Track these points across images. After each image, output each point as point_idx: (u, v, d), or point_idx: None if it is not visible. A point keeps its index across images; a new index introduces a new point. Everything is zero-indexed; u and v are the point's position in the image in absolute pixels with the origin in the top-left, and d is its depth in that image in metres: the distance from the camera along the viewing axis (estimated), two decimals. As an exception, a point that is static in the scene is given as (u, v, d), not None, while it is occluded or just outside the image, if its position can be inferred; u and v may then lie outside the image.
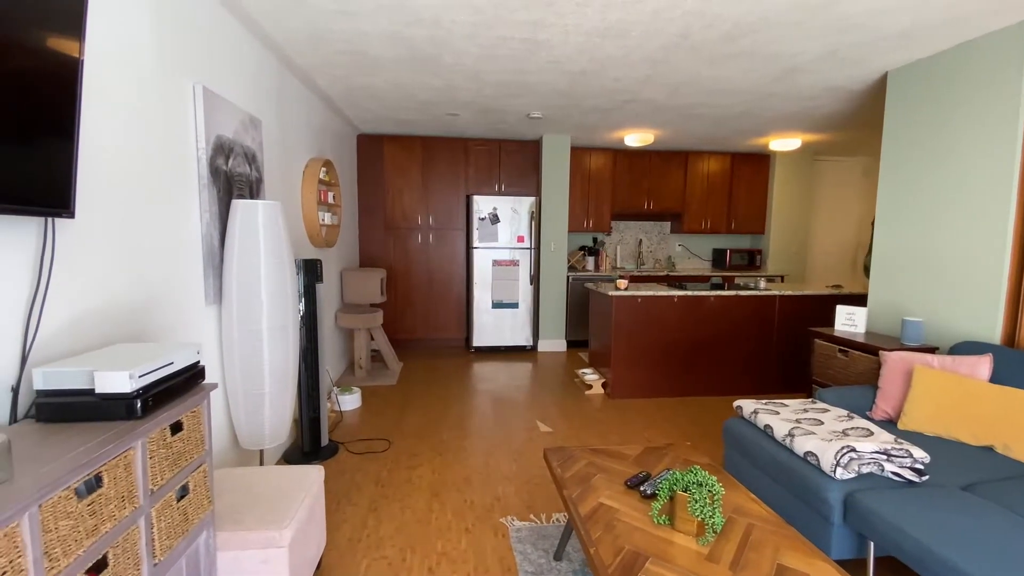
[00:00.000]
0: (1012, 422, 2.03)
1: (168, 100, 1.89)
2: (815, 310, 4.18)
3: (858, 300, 4.09)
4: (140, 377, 1.17)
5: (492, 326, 5.47)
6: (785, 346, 4.19)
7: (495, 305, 5.45)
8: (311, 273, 2.80)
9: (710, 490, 1.49)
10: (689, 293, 4.01)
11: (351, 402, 3.71)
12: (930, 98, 2.89)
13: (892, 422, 2.39)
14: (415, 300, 5.59)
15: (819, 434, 1.99)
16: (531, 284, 5.51)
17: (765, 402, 2.44)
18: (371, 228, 5.44)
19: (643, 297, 3.97)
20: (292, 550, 1.60)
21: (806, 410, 2.30)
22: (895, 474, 1.82)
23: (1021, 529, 1.51)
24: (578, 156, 5.79)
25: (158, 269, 1.83)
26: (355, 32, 2.66)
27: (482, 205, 5.30)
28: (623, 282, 4.11)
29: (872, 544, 1.77)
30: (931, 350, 2.73)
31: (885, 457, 1.82)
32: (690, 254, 6.57)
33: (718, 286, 4.30)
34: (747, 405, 2.42)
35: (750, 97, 3.78)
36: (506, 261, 5.42)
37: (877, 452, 1.82)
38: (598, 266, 6.03)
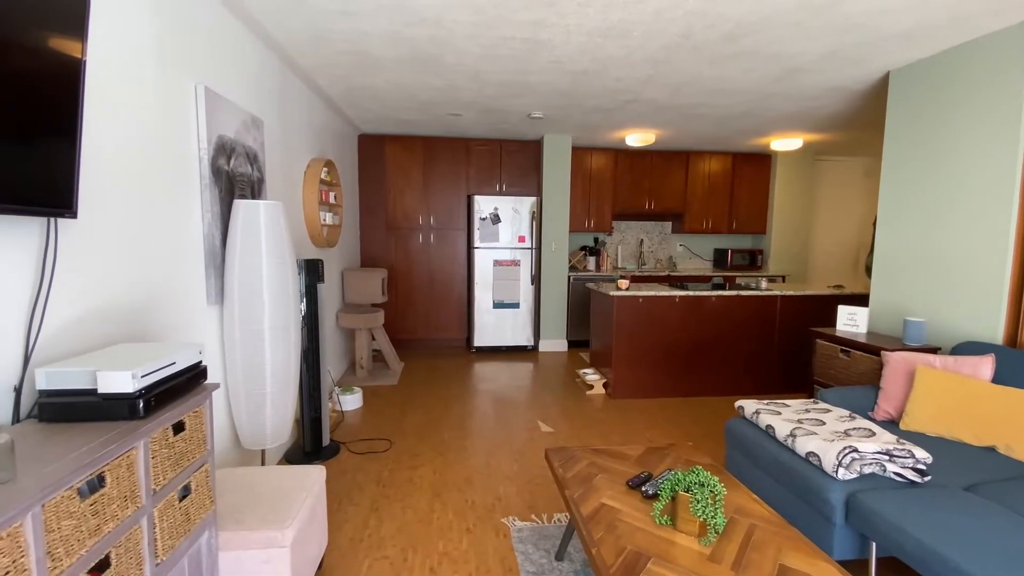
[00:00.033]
0: (1014, 422, 2.03)
1: (170, 100, 1.89)
2: (817, 310, 4.18)
3: (860, 300, 4.09)
4: (142, 377, 1.18)
5: (493, 326, 5.47)
6: (787, 346, 4.19)
7: (496, 305, 5.45)
8: (312, 273, 2.80)
9: (712, 490, 1.48)
10: (690, 293, 4.01)
11: (352, 402, 3.71)
12: (932, 98, 2.89)
13: (894, 422, 2.39)
14: (416, 300, 5.59)
15: (821, 434, 1.99)
16: (532, 284, 5.51)
17: (767, 402, 2.43)
18: (372, 228, 5.44)
19: (644, 297, 3.96)
20: (294, 550, 1.60)
21: (808, 410, 2.30)
22: (897, 474, 1.82)
23: (1023, 530, 1.51)
24: (579, 156, 5.79)
25: (160, 269, 1.83)
26: (356, 32, 2.66)
27: (483, 205, 5.30)
28: (624, 282, 4.10)
29: (874, 545, 1.76)
30: (933, 350, 2.72)
31: (887, 457, 1.82)
32: (691, 254, 6.56)
33: (719, 286, 4.30)
34: (749, 405, 2.42)
35: (751, 97, 3.78)
36: (507, 261, 5.42)
37: (879, 452, 1.82)
38: (599, 266, 6.02)
